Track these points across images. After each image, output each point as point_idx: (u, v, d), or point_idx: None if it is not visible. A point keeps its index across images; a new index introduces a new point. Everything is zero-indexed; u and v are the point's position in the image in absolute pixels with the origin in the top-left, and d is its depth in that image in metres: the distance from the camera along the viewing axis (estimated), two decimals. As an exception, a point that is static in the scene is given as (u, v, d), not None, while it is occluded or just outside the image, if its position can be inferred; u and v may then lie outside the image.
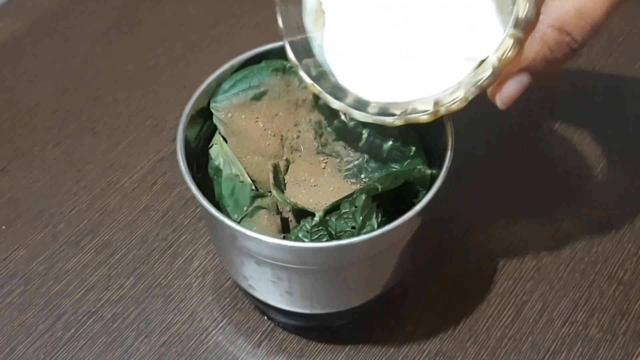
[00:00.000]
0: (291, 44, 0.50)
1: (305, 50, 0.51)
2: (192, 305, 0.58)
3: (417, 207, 0.47)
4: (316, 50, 0.51)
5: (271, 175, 0.51)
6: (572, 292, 0.58)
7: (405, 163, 0.51)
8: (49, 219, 0.63)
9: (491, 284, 0.59)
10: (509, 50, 0.42)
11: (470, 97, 0.45)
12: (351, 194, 0.48)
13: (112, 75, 0.73)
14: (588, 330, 0.57)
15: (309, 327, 0.56)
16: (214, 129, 0.54)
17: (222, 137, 0.53)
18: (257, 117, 0.53)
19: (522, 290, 0.58)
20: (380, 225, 0.47)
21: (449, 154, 0.49)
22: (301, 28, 0.51)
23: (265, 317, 0.57)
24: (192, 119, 0.52)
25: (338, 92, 0.49)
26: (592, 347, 0.56)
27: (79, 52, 0.75)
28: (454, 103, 0.46)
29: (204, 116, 0.53)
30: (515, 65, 0.43)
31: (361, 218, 0.47)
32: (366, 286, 0.53)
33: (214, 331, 0.57)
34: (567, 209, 0.63)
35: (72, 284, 0.59)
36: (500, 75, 0.44)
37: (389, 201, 0.49)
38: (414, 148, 0.51)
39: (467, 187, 0.63)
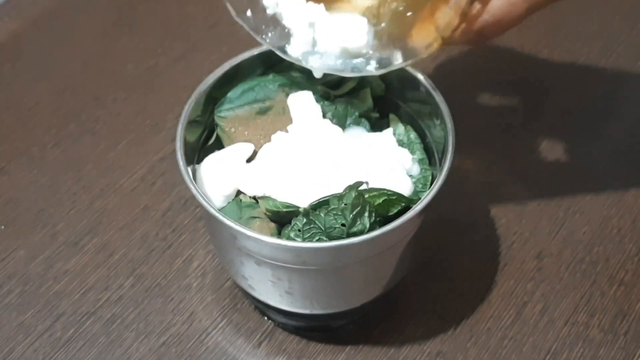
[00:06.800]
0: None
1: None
2: (191, 305, 0.58)
3: (417, 207, 0.47)
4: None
5: None
6: (573, 292, 0.58)
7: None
8: (48, 219, 0.63)
9: (492, 285, 0.59)
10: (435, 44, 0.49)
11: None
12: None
13: (112, 75, 0.73)
14: (589, 331, 0.56)
15: (309, 328, 0.56)
16: (213, 129, 0.53)
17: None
18: (260, 133, 0.52)
19: (523, 290, 0.58)
20: (373, 224, 0.47)
21: (449, 154, 0.49)
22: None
23: (265, 318, 0.57)
24: (192, 119, 0.52)
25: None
26: (593, 348, 0.56)
27: (78, 52, 0.75)
28: None
29: (203, 116, 0.53)
30: None
31: (351, 216, 0.47)
32: (366, 286, 0.52)
33: (214, 332, 0.57)
34: (568, 209, 0.63)
35: (71, 284, 0.59)
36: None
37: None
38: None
39: (467, 187, 0.63)
